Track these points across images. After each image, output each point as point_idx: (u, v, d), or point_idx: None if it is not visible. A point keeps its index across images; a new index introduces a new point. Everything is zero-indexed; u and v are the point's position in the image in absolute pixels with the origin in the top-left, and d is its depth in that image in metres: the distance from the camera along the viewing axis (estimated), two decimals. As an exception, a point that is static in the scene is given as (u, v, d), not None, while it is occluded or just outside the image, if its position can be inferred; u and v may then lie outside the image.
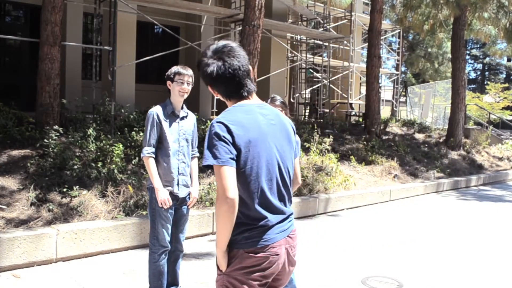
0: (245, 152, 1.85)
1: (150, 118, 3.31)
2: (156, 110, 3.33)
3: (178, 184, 3.37)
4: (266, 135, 1.92)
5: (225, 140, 1.82)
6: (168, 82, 3.36)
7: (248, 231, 1.86)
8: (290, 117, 3.08)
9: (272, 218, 1.89)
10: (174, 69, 3.36)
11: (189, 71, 3.38)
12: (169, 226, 3.36)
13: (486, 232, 6.51)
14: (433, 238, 6.01)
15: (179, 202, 3.42)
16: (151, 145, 3.30)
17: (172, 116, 3.37)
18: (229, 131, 1.83)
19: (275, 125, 1.98)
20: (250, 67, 2.00)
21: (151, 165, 3.28)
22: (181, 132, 3.40)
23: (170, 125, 3.34)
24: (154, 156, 3.30)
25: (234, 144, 1.83)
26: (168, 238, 3.35)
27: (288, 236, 1.95)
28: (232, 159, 1.81)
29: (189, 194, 3.48)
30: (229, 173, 1.79)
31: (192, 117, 3.54)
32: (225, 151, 1.81)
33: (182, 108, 3.45)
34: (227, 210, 1.78)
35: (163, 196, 3.24)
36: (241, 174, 1.85)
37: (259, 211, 1.87)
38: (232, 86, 1.96)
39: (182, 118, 3.43)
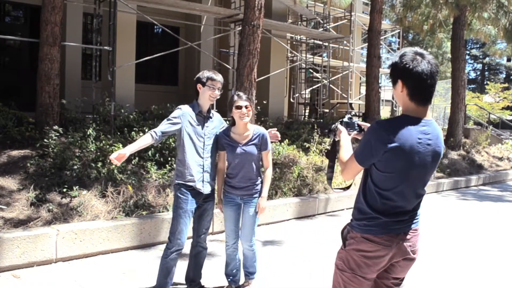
0: (389, 158, 2.01)
1: (175, 112, 3.40)
2: (185, 108, 3.44)
3: (203, 181, 3.45)
4: (416, 153, 2.01)
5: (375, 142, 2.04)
6: (199, 85, 3.44)
7: (367, 220, 2.14)
8: (255, 111, 3.20)
9: (388, 215, 2.11)
10: (207, 73, 3.44)
11: (221, 77, 3.48)
12: (188, 225, 3.43)
13: (486, 232, 6.51)
14: (433, 238, 6.01)
15: (203, 198, 3.51)
16: (160, 130, 3.34)
17: (198, 115, 3.46)
18: (383, 136, 2.00)
19: (430, 145, 2.05)
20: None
21: (143, 136, 3.36)
22: (207, 131, 3.50)
23: (196, 124, 3.44)
24: (154, 134, 3.31)
25: (383, 148, 2.00)
26: (185, 238, 3.43)
27: (404, 233, 2.18)
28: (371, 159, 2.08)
29: (212, 190, 3.57)
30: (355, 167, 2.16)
31: (217, 117, 3.66)
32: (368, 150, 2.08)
33: (209, 110, 3.54)
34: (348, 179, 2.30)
35: (114, 155, 3.08)
36: (381, 174, 2.07)
37: (380, 207, 2.11)
38: (423, 88, 1.99)
39: (208, 118, 3.53)
